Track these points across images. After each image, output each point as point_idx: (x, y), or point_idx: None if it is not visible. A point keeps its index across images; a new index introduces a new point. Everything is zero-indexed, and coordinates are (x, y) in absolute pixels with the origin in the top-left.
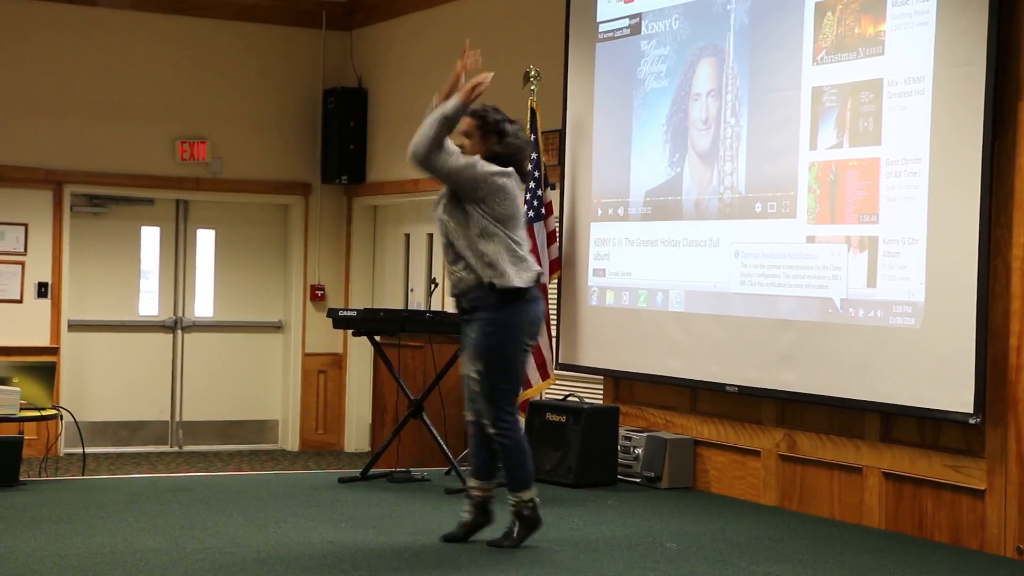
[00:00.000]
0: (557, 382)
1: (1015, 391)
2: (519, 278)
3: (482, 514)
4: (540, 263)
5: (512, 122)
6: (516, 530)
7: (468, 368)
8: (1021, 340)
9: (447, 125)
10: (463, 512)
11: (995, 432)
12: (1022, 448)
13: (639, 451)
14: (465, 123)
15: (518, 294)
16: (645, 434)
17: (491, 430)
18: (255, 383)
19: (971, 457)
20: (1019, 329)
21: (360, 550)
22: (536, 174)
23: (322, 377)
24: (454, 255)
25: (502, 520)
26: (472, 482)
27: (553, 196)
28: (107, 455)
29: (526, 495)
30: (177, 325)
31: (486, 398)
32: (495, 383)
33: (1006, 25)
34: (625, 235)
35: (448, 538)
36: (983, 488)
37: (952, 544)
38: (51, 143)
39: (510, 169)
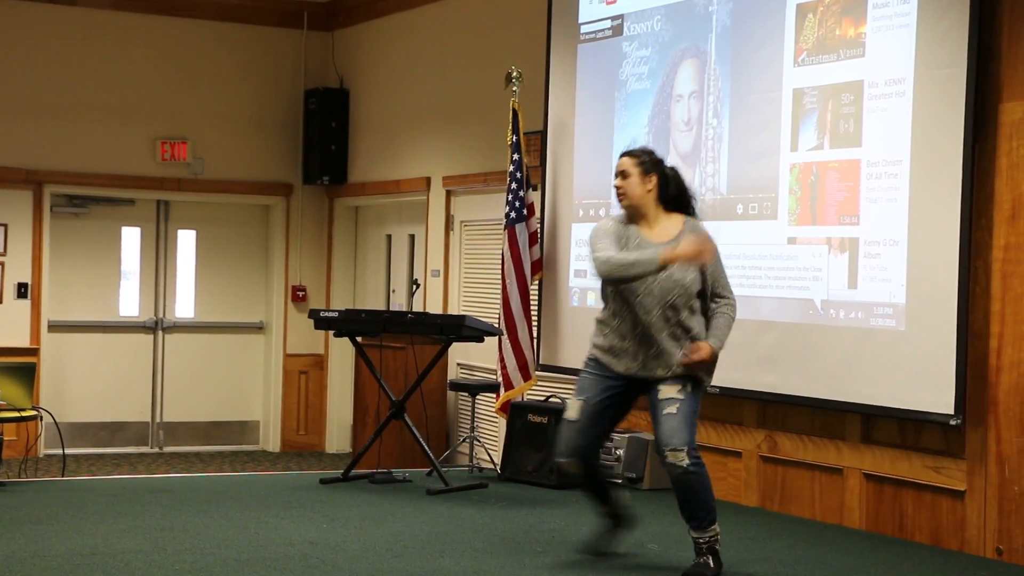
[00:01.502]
0: (539, 383)
1: (995, 392)
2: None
3: (623, 520)
4: (522, 264)
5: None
6: (712, 563)
7: (668, 391)
8: (1001, 342)
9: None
10: (607, 526)
11: (975, 433)
12: (1002, 449)
13: (620, 452)
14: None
15: None
16: (627, 435)
17: (685, 459)
18: (236, 384)
19: (951, 458)
20: (999, 331)
21: (341, 551)
22: (518, 175)
23: (303, 378)
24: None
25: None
26: (600, 508)
27: (535, 197)
28: (87, 456)
29: (717, 528)
30: (158, 326)
31: (686, 421)
32: (695, 407)
33: (987, 27)
34: None
35: (590, 549)
36: (963, 489)
37: (932, 545)
38: (31, 143)
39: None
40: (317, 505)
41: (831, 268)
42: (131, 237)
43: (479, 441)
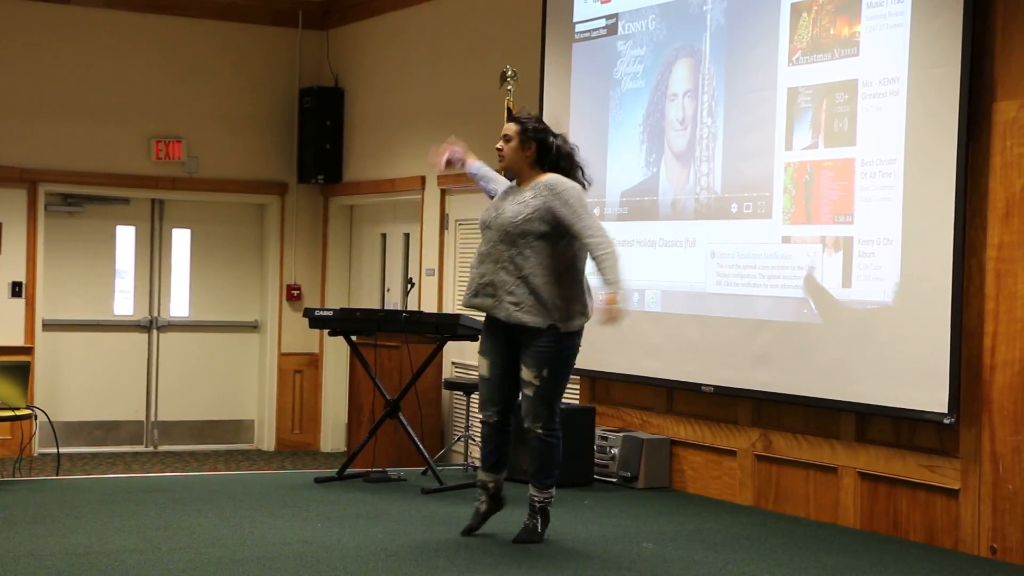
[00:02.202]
0: None
1: (989, 391)
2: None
3: (496, 502)
4: None
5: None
6: (540, 524)
7: (527, 374)
8: (995, 340)
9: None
10: (479, 503)
11: (969, 432)
12: (996, 448)
13: (615, 451)
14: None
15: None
16: (621, 434)
17: (539, 430)
18: (231, 383)
19: (945, 457)
20: (993, 329)
21: (336, 550)
22: None
23: (298, 377)
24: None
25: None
26: (486, 476)
27: None
28: (82, 455)
29: (554, 492)
30: (152, 325)
31: (543, 401)
32: (553, 388)
33: (981, 26)
34: None
35: (467, 531)
36: (957, 488)
37: (926, 543)
38: (25, 142)
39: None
40: (312, 504)
41: (825, 267)
42: (126, 236)
43: (474, 440)
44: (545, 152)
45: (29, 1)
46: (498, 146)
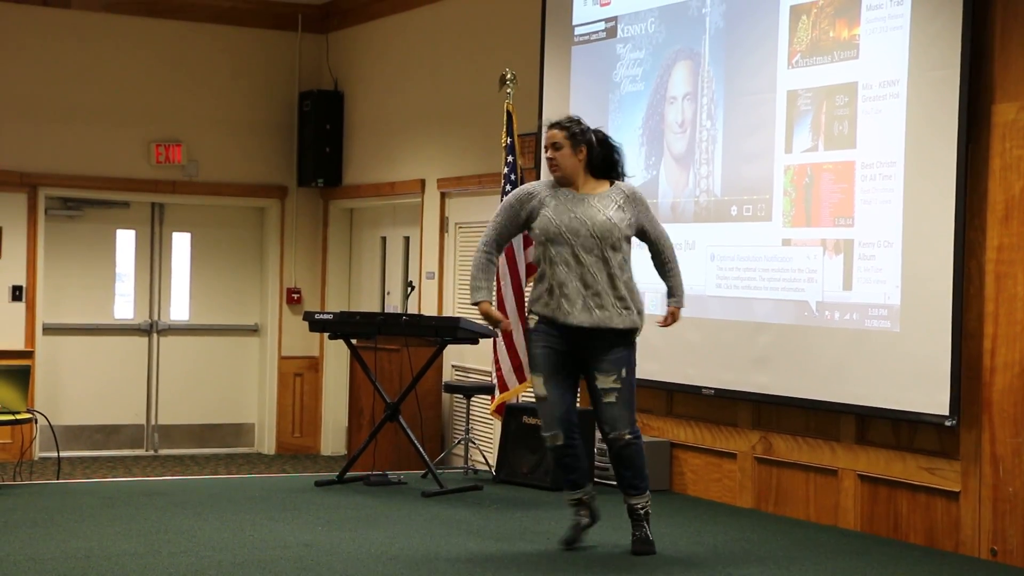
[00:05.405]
0: None
1: (989, 393)
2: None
3: (593, 515)
4: (517, 266)
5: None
6: (648, 530)
7: (606, 380)
8: (995, 342)
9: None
10: (580, 518)
11: (970, 434)
12: (996, 450)
13: None
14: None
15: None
16: None
17: (628, 435)
18: (231, 386)
19: (946, 459)
20: (993, 331)
21: (336, 553)
22: (512, 177)
23: (298, 380)
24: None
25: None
26: (579, 493)
27: None
28: (82, 459)
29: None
30: (153, 328)
31: (627, 405)
32: (632, 385)
33: (980, 28)
34: None
35: (569, 542)
36: (958, 490)
37: (927, 546)
38: (25, 146)
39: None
40: (312, 508)
41: (826, 269)
42: (126, 240)
43: (474, 443)
44: (591, 153)
45: (29, 5)
46: (549, 155)
